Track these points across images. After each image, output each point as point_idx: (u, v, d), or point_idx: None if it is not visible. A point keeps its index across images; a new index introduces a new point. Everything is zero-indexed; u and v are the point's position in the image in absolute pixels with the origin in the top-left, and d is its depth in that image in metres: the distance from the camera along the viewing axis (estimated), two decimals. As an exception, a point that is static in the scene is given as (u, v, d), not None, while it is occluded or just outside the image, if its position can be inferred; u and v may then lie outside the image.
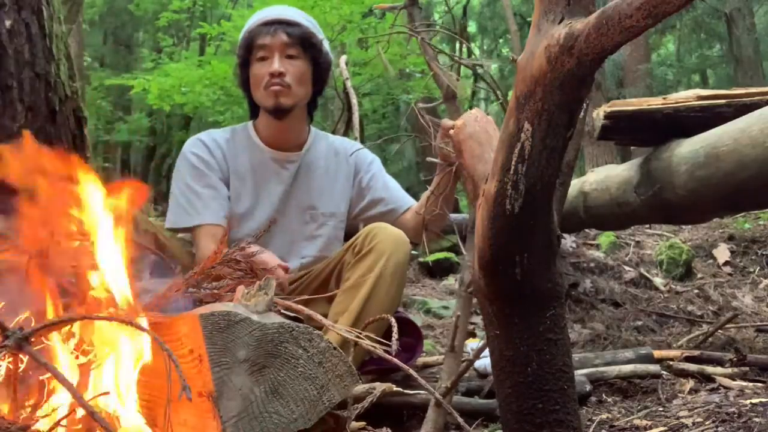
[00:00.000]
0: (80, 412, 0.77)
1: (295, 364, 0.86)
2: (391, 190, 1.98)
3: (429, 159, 1.70)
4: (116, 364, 0.88)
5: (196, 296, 1.05)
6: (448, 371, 1.35)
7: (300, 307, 1.01)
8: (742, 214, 4.56)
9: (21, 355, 0.78)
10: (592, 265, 3.54)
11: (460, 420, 1.05)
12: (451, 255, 3.92)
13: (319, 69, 1.86)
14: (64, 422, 0.81)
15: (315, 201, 1.89)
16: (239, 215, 1.84)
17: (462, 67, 1.75)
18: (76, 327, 0.86)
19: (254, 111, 1.93)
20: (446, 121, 1.51)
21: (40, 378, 0.84)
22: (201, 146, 1.85)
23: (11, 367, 0.77)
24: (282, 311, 0.99)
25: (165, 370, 0.74)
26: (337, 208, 1.93)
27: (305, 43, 1.81)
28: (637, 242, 4.24)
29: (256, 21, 1.85)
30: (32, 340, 0.77)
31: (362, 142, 3.15)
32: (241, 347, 0.82)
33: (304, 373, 0.86)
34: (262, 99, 1.82)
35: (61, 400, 0.84)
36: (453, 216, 1.81)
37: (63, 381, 0.73)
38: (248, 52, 1.83)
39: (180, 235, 2.04)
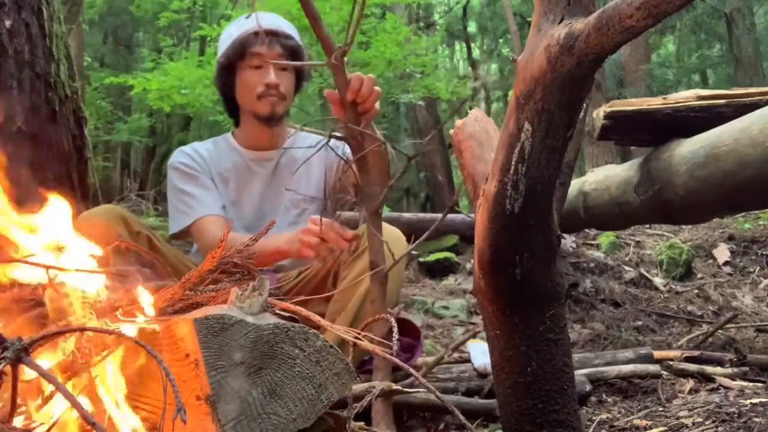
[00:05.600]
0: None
1: (292, 364, 0.85)
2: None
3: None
4: (115, 368, 0.88)
5: (194, 299, 1.04)
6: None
7: (297, 307, 1.01)
8: (742, 214, 4.56)
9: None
10: (592, 265, 3.53)
11: (463, 419, 1.04)
12: (451, 255, 3.92)
13: (301, 79, 1.99)
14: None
15: (294, 188, 1.94)
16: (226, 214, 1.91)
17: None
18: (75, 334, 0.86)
19: (235, 115, 2.00)
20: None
21: (39, 383, 0.84)
22: (184, 155, 1.95)
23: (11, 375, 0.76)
24: (278, 312, 0.98)
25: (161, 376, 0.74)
26: (316, 192, 1.99)
27: (296, 57, 1.90)
28: (637, 242, 4.24)
29: (248, 28, 1.87)
30: (31, 351, 0.76)
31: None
32: (237, 350, 0.81)
33: (302, 372, 0.86)
34: (256, 107, 1.89)
35: (60, 406, 0.84)
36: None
37: (64, 392, 0.72)
38: (240, 57, 1.87)
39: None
